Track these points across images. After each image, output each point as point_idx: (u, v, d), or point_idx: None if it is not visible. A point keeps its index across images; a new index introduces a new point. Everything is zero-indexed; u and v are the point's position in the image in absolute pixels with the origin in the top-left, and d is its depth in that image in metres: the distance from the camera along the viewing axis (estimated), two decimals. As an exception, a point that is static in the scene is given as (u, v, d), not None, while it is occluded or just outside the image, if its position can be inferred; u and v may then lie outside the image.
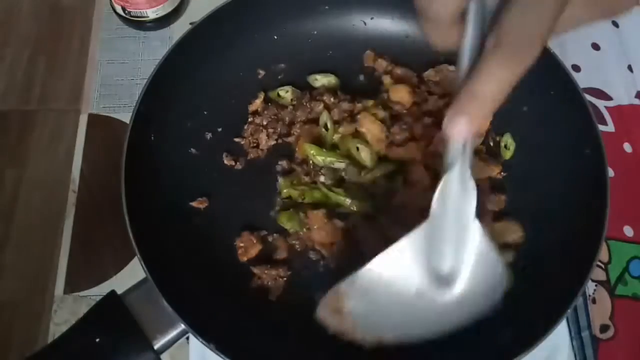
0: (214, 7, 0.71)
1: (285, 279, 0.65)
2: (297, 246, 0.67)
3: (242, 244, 0.66)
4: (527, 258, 0.65)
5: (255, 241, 0.66)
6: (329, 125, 0.70)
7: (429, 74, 0.75)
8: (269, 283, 0.65)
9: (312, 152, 0.69)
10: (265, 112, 0.73)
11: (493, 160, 0.71)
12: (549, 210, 0.67)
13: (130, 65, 0.86)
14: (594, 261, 0.58)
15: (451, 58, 0.75)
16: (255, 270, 0.65)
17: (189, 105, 0.71)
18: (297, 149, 0.72)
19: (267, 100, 0.74)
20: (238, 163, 0.71)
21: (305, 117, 0.73)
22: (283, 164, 0.71)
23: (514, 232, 0.67)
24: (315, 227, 0.66)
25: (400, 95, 0.73)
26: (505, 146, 0.72)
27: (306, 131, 0.72)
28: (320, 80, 0.76)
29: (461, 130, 0.38)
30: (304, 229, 0.67)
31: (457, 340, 0.61)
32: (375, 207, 0.67)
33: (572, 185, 0.66)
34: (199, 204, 0.68)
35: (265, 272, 0.64)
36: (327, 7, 0.77)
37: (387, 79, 0.75)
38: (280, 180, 0.70)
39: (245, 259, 0.66)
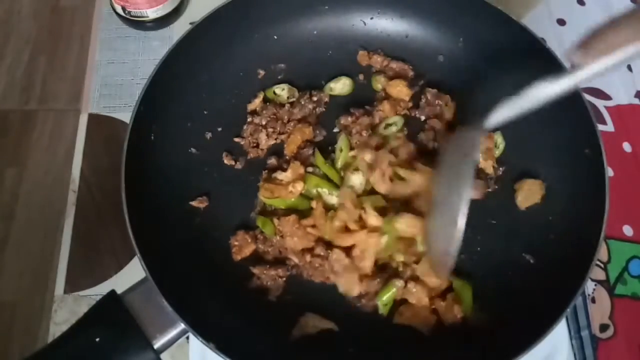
0: (214, 7, 0.71)
1: (284, 279, 0.65)
2: (270, 253, 0.66)
3: (236, 243, 0.66)
4: (527, 256, 0.66)
5: (249, 240, 0.66)
6: (343, 149, 0.70)
7: None
8: (269, 283, 0.65)
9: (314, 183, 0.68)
10: (264, 111, 0.73)
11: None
12: (548, 210, 0.67)
13: (130, 65, 0.86)
14: (593, 260, 0.58)
15: (451, 55, 0.76)
16: (255, 270, 0.65)
17: (189, 105, 0.71)
18: (286, 146, 0.72)
19: (266, 100, 0.74)
20: (238, 163, 0.71)
21: (301, 115, 0.73)
22: (272, 161, 0.71)
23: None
24: (287, 233, 0.65)
25: (398, 89, 0.74)
26: (495, 145, 0.72)
27: (299, 130, 0.72)
28: (335, 88, 0.76)
29: None
30: (278, 236, 0.66)
31: (458, 340, 0.62)
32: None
33: (572, 185, 0.66)
34: (199, 203, 0.68)
35: (265, 272, 0.64)
36: (327, 7, 0.77)
37: (377, 84, 0.76)
38: (260, 184, 0.69)
39: (239, 257, 0.66)
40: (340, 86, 0.76)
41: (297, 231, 0.65)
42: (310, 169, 0.69)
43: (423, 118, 0.74)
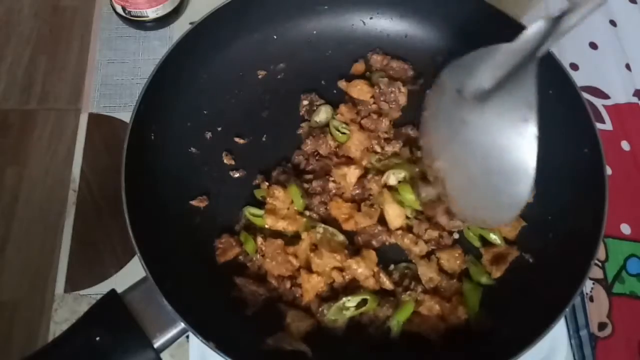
0: (214, 7, 0.71)
1: (263, 297, 0.64)
2: (250, 268, 0.66)
3: (220, 245, 0.66)
4: (526, 256, 0.66)
5: (234, 244, 0.66)
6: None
7: None
8: (248, 297, 0.64)
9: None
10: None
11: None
12: (547, 209, 0.67)
13: (130, 65, 0.86)
14: (592, 259, 0.58)
15: (450, 55, 0.77)
16: (237, 280, 0.64)
17: (189, 105, 0.71)
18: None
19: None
20: (238, 162, 0.71)
21: None
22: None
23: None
24: (268, 255, 0.64)
25: (358, 88, 0.74)
26: None
27: None
28: (320, 117, 0.74)
29: None
30: (258, 255, 0.66)
31: (458, 339, 0.62)
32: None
33: (571, 184, 0.66)
34: (199, 202, 0.68)
35: (246, 285, 0.64)
36: (326, 7, 0.77)
37: (342, 83, 0.76)
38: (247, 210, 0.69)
39: (222, 260, 0.65)
40: (324, 116, 0.74)
41: (277, 256, 0.64)
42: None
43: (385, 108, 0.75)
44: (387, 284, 0.64)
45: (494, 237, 0.66)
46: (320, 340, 0.61)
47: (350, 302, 0.62)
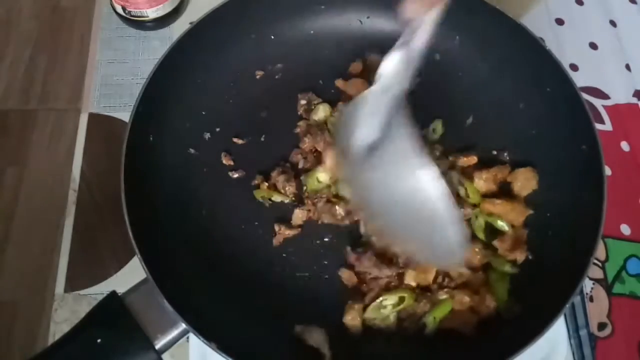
0: (213, 7, 0.71)
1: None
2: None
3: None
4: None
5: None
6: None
7: None
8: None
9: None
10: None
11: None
12: (546, 207, 0.67)
13: (130, 64, 0.86)
14: (591, 259, 0.58)
15: (448, 54, 0.76)
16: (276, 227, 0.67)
17: (188, 106, 0.71)
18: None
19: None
20: (237, 163, 0.71)
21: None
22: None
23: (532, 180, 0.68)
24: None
25: (357, 87, 0.74)
26: (434, 130, 0.73)
27: None
28: (318, 116, 0.74)
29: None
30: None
31: (457, 338, 0.62)
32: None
33: (570, 184, 0.66)
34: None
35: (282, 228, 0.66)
36: (323, 7, 0.77)
37: (340, 82, 0.76)
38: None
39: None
40: (322, 114, 0.74)
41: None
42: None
43: None
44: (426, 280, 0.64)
45: (501, 224, 0.66)
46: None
47: (388, 300, 0.62)
